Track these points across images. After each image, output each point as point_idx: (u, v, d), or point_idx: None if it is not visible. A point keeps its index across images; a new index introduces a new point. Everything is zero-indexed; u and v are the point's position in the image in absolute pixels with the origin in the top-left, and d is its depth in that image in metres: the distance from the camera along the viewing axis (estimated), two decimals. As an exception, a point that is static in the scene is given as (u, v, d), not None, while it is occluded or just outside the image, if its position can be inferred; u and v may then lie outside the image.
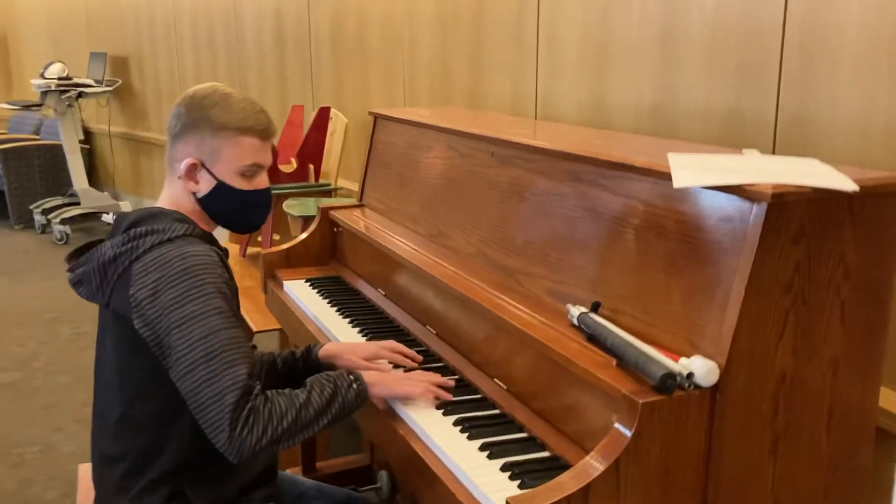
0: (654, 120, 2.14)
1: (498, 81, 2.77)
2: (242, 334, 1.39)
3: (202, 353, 1.32)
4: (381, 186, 2.39)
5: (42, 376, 3.76)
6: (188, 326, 1.33)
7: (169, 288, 1.35)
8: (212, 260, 1.41)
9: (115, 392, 1.45)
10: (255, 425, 1.31)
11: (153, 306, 1.36)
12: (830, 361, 1.27)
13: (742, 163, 1.35)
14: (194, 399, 1.33)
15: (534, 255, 1.63)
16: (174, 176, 1.53)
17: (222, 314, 1.36)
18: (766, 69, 1.82)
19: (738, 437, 1.20)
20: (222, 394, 1.30)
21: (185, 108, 1.50)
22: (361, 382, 1.47)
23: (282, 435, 1.34)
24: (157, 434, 1.43)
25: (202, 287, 1.36)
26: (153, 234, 1.41)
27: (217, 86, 1.54)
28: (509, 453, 1.34)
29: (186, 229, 1.44)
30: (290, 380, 1.68)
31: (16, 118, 7.37)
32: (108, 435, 1.47)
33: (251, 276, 3.25)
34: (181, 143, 1.51)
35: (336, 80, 3.90)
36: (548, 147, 1.65)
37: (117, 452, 1.45)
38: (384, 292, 2.10)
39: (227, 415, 1.30)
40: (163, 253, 1.39)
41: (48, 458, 3.02)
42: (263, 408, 1.33)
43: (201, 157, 1.50)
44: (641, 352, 1.21)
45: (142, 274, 1.38)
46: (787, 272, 1.18)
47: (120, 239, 1.43)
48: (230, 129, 1.49)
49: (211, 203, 1.52)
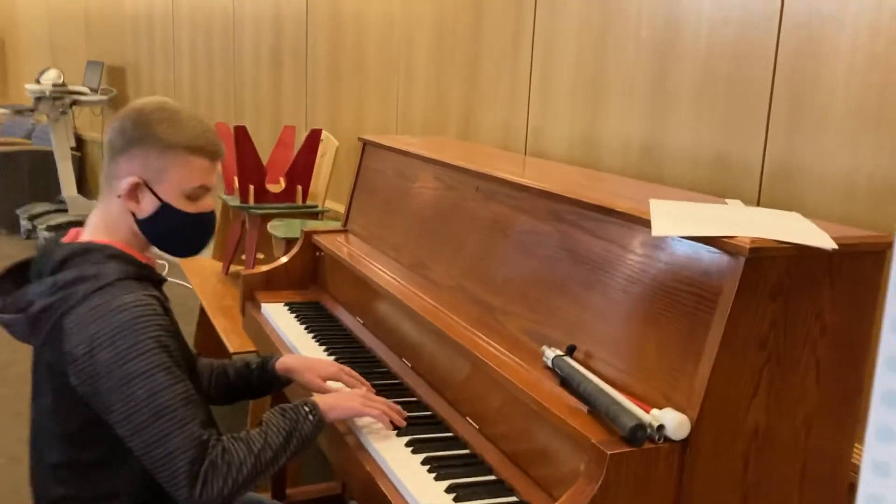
0: (643, 160, 2.14)
1: (491, 112, 2.78)
2: (188, 386, 1.32)
3: (149, 414, 1.27)
4: (366, 213, 2.37)
5: (14, 384, 3.70)
6: (130, 387, 1.27)
7: (107, 346, 1.27)
8: (150, 309, 1.32)
9: (54, 439, 1.38)
10: (215, 479, 1.28)
11: (90, 365, 1.28)
12: (804, 419, 1.25)
13: (723, 213, 1.34)
14: (145, 458, 1.29)
15: (513, 292, 1.61)
16: (112, 194, 1.41)
17: (166, 370, 1.29)
18: (755, 119, 1.82)
19: (708, 491, 1.18)
20: (174, 454, 1.26)
21: (130, 123, 1.39)
22: (317, 412, 1.43)
23: (243, 483, 1.31)
24: (107, 477, 1.37)
25: (142, 343, 1.28)
26: (84, 282, 1.31)
27: (165, 100, 1.45)
28: (476, 496, 1.31)
29: (120, 272, 1.34)
30: (240, 390, 1.68)
31: (8, 122, 7.35)
32: (48, 479, 1.40)
33: (232, 295, 3.22)
34: (123, 159, 1.40)
35: (331, 101, 3.91)
36: (531, 185, 1.64)
37: (59, 495, 1.39)
38: (362, 321, 2.08)
39: (183, 474, 1.26)
40: (97, 305, 1.30)
41: (13, 469, 2.97)
42: (221, 460, 1.29)
43: (145, 177, 1.39)
44: (613, 400, 1.19)
45: (76, 330, 1.29)
46: (763, 328, 1.16)
47: (48, 286, 1.32)
48: (179, 147, 1.40)
49: (151, 225, 1.42)
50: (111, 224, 1.43)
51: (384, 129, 3.48)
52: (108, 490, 1.37)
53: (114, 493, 1.37)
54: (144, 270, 1.40)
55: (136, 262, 1.39)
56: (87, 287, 1.31)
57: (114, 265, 1.35)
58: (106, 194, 1.44)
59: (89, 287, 1.31)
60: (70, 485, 1.37)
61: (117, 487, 1.37)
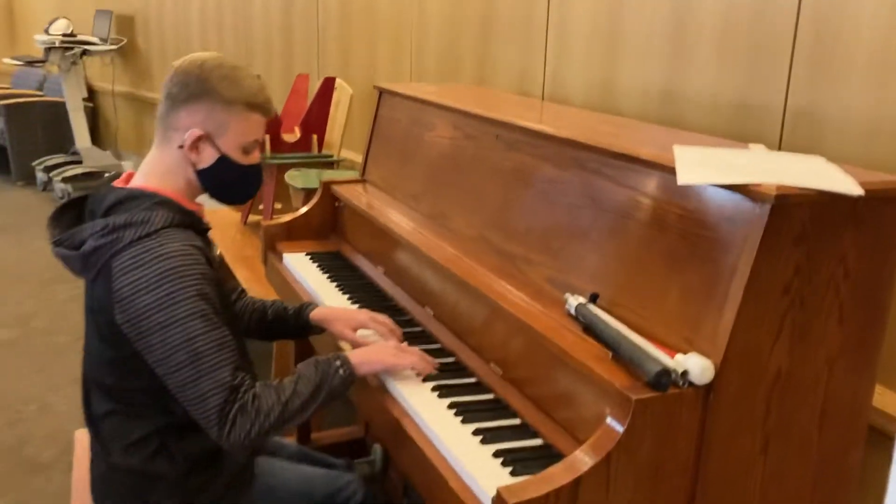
0: (662, 107, 2.13)
1: (507, 58, 2.75)
2: (224, 333, 1.38)
3: (184, 358, 1.34)
4: (383, 163, 2.38)
5: (40, 335, 3.78)
6: (169, 330, 1.34)
7: (149, 291, 1.34)
8: (193, 258, 1.39)
9: (104, 362, 1.46)
10: (243, 423, 1.35)
11: (133, 306, 1.35)
12: (826, 361, 1.27)
13: (747, 160, 1.34)
14: (180, 396, 1.38)
15: (535, 241, 1.62)
16: (170, 144, 1.49)
17: (203, 317, 1.36)
18: (777, 61, 1.80)
19: (730, 435, 1.21)
20: (206, 396, 1.34)
21: (193, 78, 1.47)
22: (348, 367, 1.48)
23: (269, 428, 1.37)
24: (144, 401, 1.46)
25: (182, 290, 1.35)
26: (133, 227, 1.38)
27: (223, 57, 1.53)
28: (502, 439, 1.35)
29: (166, 219, 1.41)
30: (276, 330, 1.79)
31: (19, 73, 7.33)
32: (95, 396, 1.50)
33: (252, 244, 3.25)
34: (185, 111, 1.47)
35: (343, 50, 3.87)
36: (554, 133, 1.64)
37: (104, 411, 1.48)
38: (383, 270, 2.10)
39: (213, 416, 1.34)
40: (143, 251, 1.37)
41: (45, 417, 3.05)
42: (250, 406, 1.36)
43: (207, 130, 1.48)
44: (637, 346, 1.21)
45: (122, 272, 1.36)
46: (787, 273, 1.17)
47: (99, 228, 1.40)
48: (239, 104, 1.48)
49: (209, 176, 1.51)
50: (166, 171, 1.50)
51: (397, 76, 3.45)
52: (143, 412, 1.46)
53: (147, 415, 1.46)
54: (190, 218, 1.47)
55: (182, 210, 1.46)
56: (134, 232, 1.38)
57: (161, 212, 1.41)
58: (163, 143, 1.50)
59: (137, 232, 1.38)
60: (111, 401, 1.48)
61: (150, 411, 1.46)
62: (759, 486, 1.26)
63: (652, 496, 1.17)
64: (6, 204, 6.02)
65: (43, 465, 2.72)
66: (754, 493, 1.26)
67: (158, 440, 1.47)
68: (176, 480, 1.48)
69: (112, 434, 1.49)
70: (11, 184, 6.56)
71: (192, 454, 1.48)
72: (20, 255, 4.91)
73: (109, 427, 1.49)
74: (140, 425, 1.46)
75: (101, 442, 1.51)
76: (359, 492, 1.68)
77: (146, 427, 1.46)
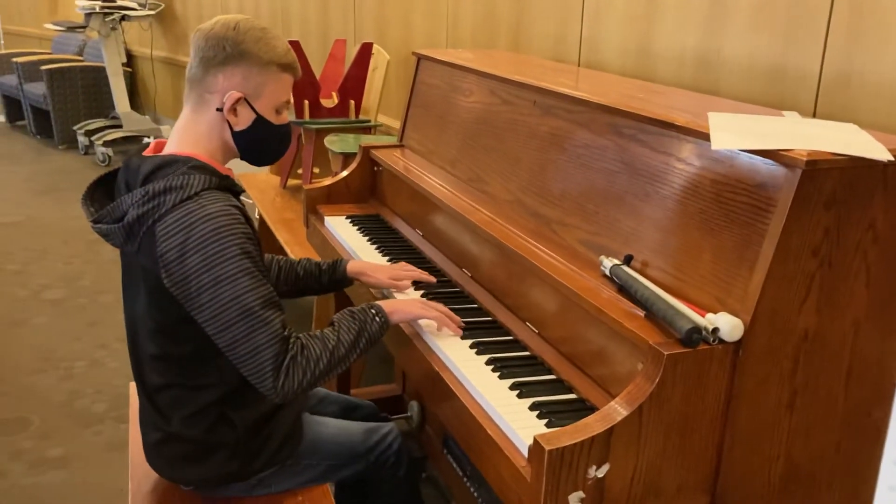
0: (698, 72, 2.15)
1: (542, 24, 2.77)
2: (270, 289, 1.43)
3: (235, 314, 1.38)
4: (421, 128, 2.43)
5: (87, 294, 3.91)
6: (218, 289, 1.37)
7: (195, 252, 1.37)
8: (234, 218, 1.41)
9: (149, 333, 1.50)
10: (295, 373, 1.41)
11: (181, 268, 1.38)
12: (853, 322, 1.31)
13: (781, 126, 1.37)
14: (231, 353, 1.41)
15: (570, 205, 1.67)
16: (207, 107, 1.50)
17: (249, 273, 1.39)
18: (814, 28, 1.81)
19: (757, 390, 1.26)
20: (259, 350, 1.39)
21: (229, 41, 1.47)
22: (383, 314, 1.57)
23: (319, 376, 1.45)
24: (198, 370, 1.50)
25: (228, 249, 1.38)
26: (173, 192, 1.40)
27: (252, 19, 1.53)
28: (538, 393, 1.41)
29: (204, 181, 1.43)
30: (308, 287, 1.86)
31: (60, 39, 7.45)
32: (148, 369, 1.54)
33: (291, 208, 3.33)
34: (222, 74, 1.48)
35: (379, 15, 3.90)
36: (591, 99, 1.68)
37: (160, 384, 1.53)
38: (421, 233, 2.16)
39: (267, 368, 1.39)
40: (186, 214, 1.39)
41: (95, 372, 3.18)
42: (300, 356, 1.42)
43: (245, 92, 1.49)
44: (670, 305, 1.27)
45: (166, 236, 1.39)
46: (817, 237, 1.22)
47: (139, 197, 1.41)
48: (274, 65, 1.50)
49: (245, 137, 1.53)
50: (201, 135, 1.52)
51: (433, 42, 3.48)
52: (201, 380, 1.51)
53: (206, 383, 1.51)
54: (226, 181, 1.49)
55: (217, 174, 1.48)
56: (175, 196, 1.40)
57: (199, 175, 1.43)
58: (199, 106, 1.51)
59: (178, 196, 1.40)
60: (166, 374, 1.52)
61: (207, 380, 1.51)
62: (786, 441, 1.32)
63: (681, 447, 1.23)
64: (50, 167, 6.18)
65: (94, 418, 2.85)
66: (781, 447, 1.32)
67: (218, 410, 1.52)
68: (235, 446, 1.54)
69: (170, 405, 1.53)
70: (54, 147, 6.72)
71: (249, 420, 1.54)
72: (65, 216, 5.06)
73: (167, 399, 1.53)
74: (198, 396, 1.51)
75: (159, 412, 1.54)
76: (397, 441, 1.77)
77: (205, 398, 1.51)
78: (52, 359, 3.28)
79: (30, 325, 3.57)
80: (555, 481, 1.15)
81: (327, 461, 1.68)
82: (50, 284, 4.02)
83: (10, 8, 8.19)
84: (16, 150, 6.67)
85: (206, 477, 1.56)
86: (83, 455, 2.64)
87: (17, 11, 8.23)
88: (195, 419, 1.52)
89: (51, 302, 3.82)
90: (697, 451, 1.25)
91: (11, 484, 2.48)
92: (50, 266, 4.26)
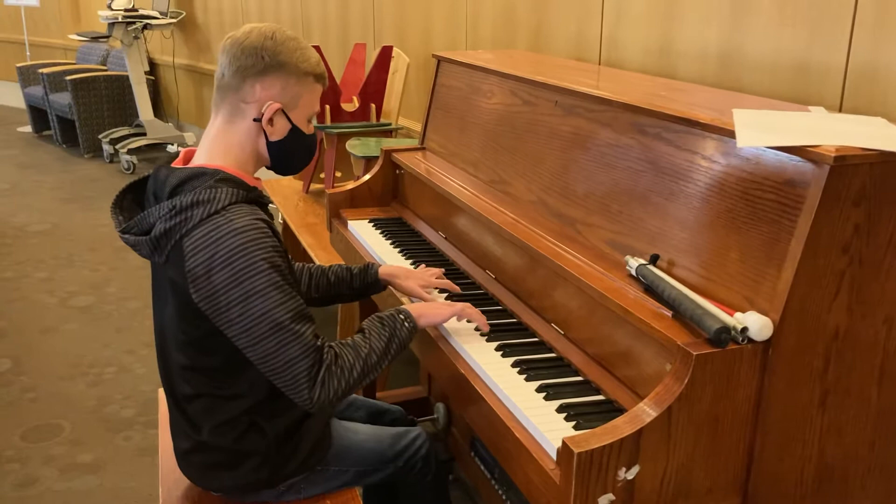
0: (721, 70, 2.13)
1: (563, 23, 2.76)
2: (300, 301, 1.42)
3: (266, 329, 1.37)
4: (442, 130, 2.43)
5: (114, 301, 3.96)
6: (248, 304, 1.37)
7: (224, 267, 1.36)
8: (261, 232, 1.40)
9: (179, 344, 1.49)
10: (330, 382, 1.42)
11: (209, 283, 1.37)
12: (885, 319, 1.29)
13: (807, 122, 1.36)
14: (264, 366, 1.41)
15: (594, 205, 1.66)
16: (243, 116, 1.49)
17: (278, 287, 1.38)
18: (839, 21, 1.79)
19: (788, 390, 1.24)
20: (293, 362, 1.39)
21: (268, 50, 1.47)
22: (411, 319, 1.57)
23: (353, 384, 1.45)
24: (227, 380, 1.50)
25: (256, 263, 1.37)
26: (200, 206, 1.39)
27: (285, 29, 1.53)
28: (565, 395, 1.41)
29: (232, 195, 1.41)
30: (339, 293, 1.85)
31: (84, 49, 7.54)
32: (178, 379, 1.53)
33: (314, 212, 3.34)
34: (259, 83, 1.47)
35: (398, 18, 3.91)
36: (613, 98, 1.67)
37: (189, 394, 1.53)
38: (444, 235, 2.16)
39: (302, 380, 1.40)
40: (213, 228, 1.38)
41: (123, 378, 3.21)
42: (334, 365, 1.43)
43: (283, 102, 1.50)
44: (697, 305, 1.26)
45: (194, 251, 1.38)
46: (846, 234, 1.20)
47: (167, 211, 1.41)
48: (310, 75, 1.51)
49: (280, 147, 1.53)
50: (233, 144, 1.51)
51: (453, 45, 3.48)
52: (231, 391, 1.51)
53: (236, 393, 1.51)
54: (253, 193, 1.48)
55: (245, 185, 1.47)
56: (202, 211, 1.39)
57: (226, 188, 1.42)
58: (233, 116, 1.50)
59: (205, 210, 1.39)
60: (196, 385, 1.52)
61: (237, 390, 1.51)
62: (818, 441, 1.30)
63: (712, 448, 1.22)
64: (76, 176, 6.25)
65: (123, 424, 2.88)
66: (813, 447, 1.30)
67: (248, 419, 1.52)
68: (265, 454, 1.54)
69: (200, 415, 1.53)
70: (80, 156, 6.79)
71: (280, 428, 1.55)
72: (91, 224, 5.12)
73: (197, 408, 1.52)
74: (229, 406, 1.51)
75: (189, 421, 1.54)
76: (425, 445, 1.77)
77: (235, 407, 1.51)
78: (81, 365, 3.32)
79: (59, 332, 3.62)
80: (584, 484, 1.15)
81: (356, 467, 1.68)
82: (78, 291, 4.07)
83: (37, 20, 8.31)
84: (43, 159, 6.76)
85: (237, 484, 1.57)
86: (114, 460, 2.67)
87: (44, 23, 8.34)
88: (225, 428, 1.52)
89: (79, 309, 3.87)
90: (728, 452, 1.24)
91: (45, 489, 2.51)
92: (77, 273, 4.32)
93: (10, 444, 2.76)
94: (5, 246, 4.72)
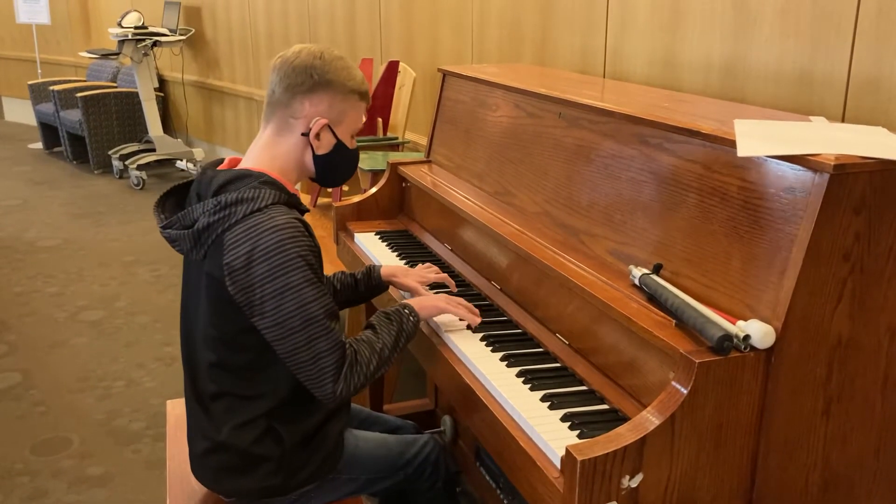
0: (724, 81, 2.14)
1: (567, 36, 2.78)
2: (330, 300, 1.49)
3: (299, 322, 1.44)
4: (448, 143, 2.45)
5: (124, 316, 3.98)
6: (283, 297, 1.43)
7: (262, 261, 1.42)
8: (299, 231, 1.46)
9: (209, 340, 1.54)
10: (352, 377, 1.49)
11: (247, 276, 1.43)
12: (888, 327, 1.30)
13: (808, 132, 1.37)
14: (291, 360, 1.47)
15: (598, 215, 1.68)
16: (292, 131, 1.57)
17: (312, 284, 1.45)
18: (841, 32, 1.80)
19: (791, 398, 1.25)
20: (320, 356, 1.46)
21: (317, 69, 1.55)
22: (414, 312, 1.66)
23: (369, 377, 1.53)
24: (252, 379, 1.54)
25: (293, 260, 1.43)
26: (244, 203, 1.46)
27: (332, 49, 1.61)
28: (569, 405, 1.41)
29: (274, 196, 1.48)
30: (347, 299, 1.93)
31: (94, 66, 7.61)
32: (203, 377, 1.58)
33: (322, 225, 3.36)
34: (308, 100, 1.56)
35: (405, 33, 3.95)
36: (616, 110, 1.69)
37: (214, 391, 1.56)
38: (450, 247, 2.17)
39: (328, 375, 1.46)
40: (254, 224, 1.44)
41: (132, 392, 3.23)
42: (356, 360, 1.51)
43: (330, 118, 1.58)
44: (700, 313, 1.26)
45: (234, 245, 1.44)
46: (847, 241, 1.21)
47: (211, 206, 1.47)
48: (355, 93, 1.59)
49: (325, 161, 1.60)
50: (279, 155, 1.58)
51: (459, 59, 3.51)
52: (254, 390, 1.55)
53: (259, 393, 1.55)
54: (293, 199, 1.55)
55: (286, 190, 1.54)
56: (245, 207, 1.46)
57: (269, 190, 1.49)
58: (281, 129, 1.58)
59: (248, 207, 1.46)
60: (222, 382, 1.55)
61: (261, 390, 1.55)
62: (822, 448, 1.30)
63: (716, 455, 1.22)
64: (86, 192, 6.30)
65: (132, 437, 2.90)
66: (817, 454, 1.30)
67: (266, 422, 1.55)
68: (280, 460, 1.57)
69: (223, 414, 1.56)
70: (90, 172, 6.85)
71: (297, 435, 1.58)
72: (102, 239, 5.15)
73: (221, 407, 1.56)
74: (250, 406, 1.54)
75: (211, 420, 1.57)
76: (434, 452, 1.79)
77: (256, 408, 1.54)
78: (90, 379, 3.34)
79: (69, 347, 3.64)
80: (588, 492, 1.15)
81: (367, 474, 1.71)
82: (87, 306, 4.10)
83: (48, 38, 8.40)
84: (53, 175, 6.81)
85: (249, 489, 1.59)
86: (123, 473, 2.68)
87: (55, 41, 8.44)
88: (244, 429, 1.55)
89: (89, 323, 3.89)
90: (732, 460, 1.24)
91: (54, 502, 2.52)
92: (87, 288, 4.34)
93: (20, 457, 2.77)
94: (16, 261, 4.76)
